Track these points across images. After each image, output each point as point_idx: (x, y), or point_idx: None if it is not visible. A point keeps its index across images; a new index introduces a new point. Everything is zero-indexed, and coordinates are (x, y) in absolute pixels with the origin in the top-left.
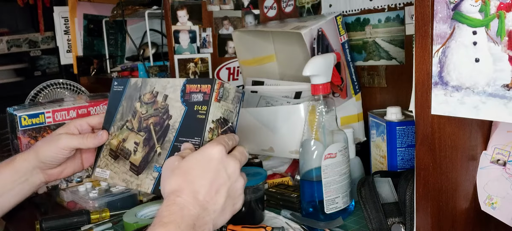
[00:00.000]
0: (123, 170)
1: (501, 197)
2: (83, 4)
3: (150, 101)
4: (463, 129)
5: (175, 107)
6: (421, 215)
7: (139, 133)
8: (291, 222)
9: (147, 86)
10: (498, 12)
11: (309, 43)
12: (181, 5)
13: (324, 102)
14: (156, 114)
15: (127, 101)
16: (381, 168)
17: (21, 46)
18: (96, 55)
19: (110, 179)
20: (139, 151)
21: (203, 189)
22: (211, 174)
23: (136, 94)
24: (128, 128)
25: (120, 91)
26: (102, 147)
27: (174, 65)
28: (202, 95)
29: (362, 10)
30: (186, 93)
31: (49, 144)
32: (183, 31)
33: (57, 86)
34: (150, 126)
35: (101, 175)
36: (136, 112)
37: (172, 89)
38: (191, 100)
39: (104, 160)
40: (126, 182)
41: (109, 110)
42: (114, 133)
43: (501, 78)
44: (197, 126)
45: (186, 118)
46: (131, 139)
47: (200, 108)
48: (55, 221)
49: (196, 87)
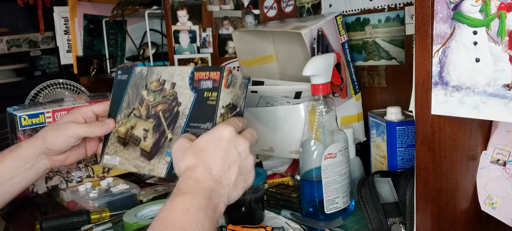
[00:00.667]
0: (134, 156)
1: (501, 197)
2: (83, 4)
3: (157, 89)
4: (463, 129)
5: (184, 94)
6: (421, 215)
7: (147, 120)
8: (291, 222)
9: (153, 75)
10: (499, 12)
11: (309, 43)
12: (181, 5)
13: (324, 102)
14: (164, 102)
15: (133, 89)
16: (381, 168)
17: (21, 46)
18: (96, 55)
19: (120, 165)
20: (149, 137)
21: (216, 166)
22: (223, 152)
23: (142, 83)
24: (135, 115)
25: (125, 80)
26: (109, 134)
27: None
28: (211, 82)
29: (362, 10)
30: (194, 80)
31: (56, 131)
32: (183, 31)
33: (57, 86)
34: (159, 113)
35: (110, 162)
36: (143, 100)
37: (180, 77)
38: (201, 87)
39: (112, 147)
40: (137, 168)
41: (114, 99)
42: (121, 121)
43: (501, 78)
44: (208, 112)
45: (196, 104)
46: (139, 126)
47: (211, 95)
48: (55, 221)
49: (205, 75)
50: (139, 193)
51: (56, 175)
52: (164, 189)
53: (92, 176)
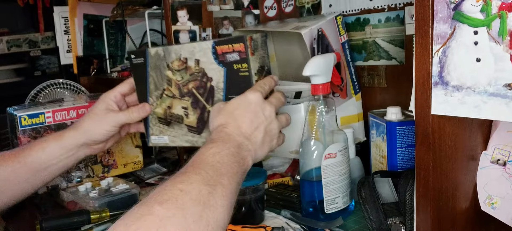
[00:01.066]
0: (182, 133)
1: (501, 197)
2: (83, 4)
3: (181, 68)
4: (463, 129)
5: (212, 69)
6: (421, 215)
7: (183, 98)
8: (291, 222)
9: (171, 54)
10: (500, 12)
11: (309, 43)
12: (181, 5)
13: (324, 102)
14: (194, 79)
15: (155, 71)
16: (381, 168)
17: (21, 46)
18: (96, 55)
19: (171, 142)
20: (190, 113)
21: (245, 124)
22: (251, 114)
23: (162, 63)
24: (168, 95)
25: (142, 63)
26: (147, 117)
27: None
28: (237, 54)
29: (362, 10)
30: (219, 55)
31: (97, 123)
32: (183, 31)
33: (57, 86)
34: (193, 90)
35: (159, 141)
36: (171, 80)
37: (202, 53)
38: (227, 61)
39: (155, 128)
40: (190, 142)
41: (138, 83)
42: (155, 103)
43: (502, 78)
44: (244, 82)
45: (229, 77)
46: (176, 104)
47: (241, 66)
48: (55, 221)
49: (228, 48)
50: (139, 193)
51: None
52: None
53: (92, 176)
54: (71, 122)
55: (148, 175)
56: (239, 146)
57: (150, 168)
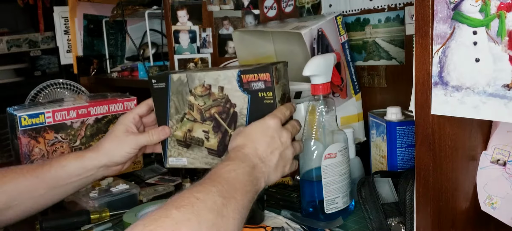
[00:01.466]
0: (202, 155)
1: (501, 197)
2: (83, 4)
3: (204, 94)
4: (463, 129)
5: (236, 96)
6: (421, 215)
7: (204, 122)
8: (291, 222)
9: (195, 81)
10: (499, 12)
11: (309, 43)
12: (181, 5)
13: (324, 102)
14: (217, 104)
15: (177, 96)
16: (381, 168)
17: (21, 46)
18: (96, 55)
19: (190, 164)
20: (211, 137)
21: (262, 148)
22: (268, 138)
23: (185, 89)
24: (189, 119)
25: (163, 88)
26: (166, 139)
27: (174, 65)
28: (263, 83)
29: (362, 10)
30: (244, 83)
31: (118, 145)
32: (183, 31)
33: (57, 86)
34: (215, 115)
35: (177, 163)
36: (193, 105)
37: (226, 81)
38: (253, 89)
39: (174, 150)
40: (209, 164)
41: (159, 107)
42: (175, 126)
43: (501, 78)
44: (267, 110)
45: (253, 104)
46: (197, 128)
47: (266, 94)
48: (55, 221)
49: (254, 77)
50: (139, 193)
51: None
52: (164, 189)
53: None
54: (71, 121)
55: (148, 175)
56: (254, 167)
57: (150, 168)
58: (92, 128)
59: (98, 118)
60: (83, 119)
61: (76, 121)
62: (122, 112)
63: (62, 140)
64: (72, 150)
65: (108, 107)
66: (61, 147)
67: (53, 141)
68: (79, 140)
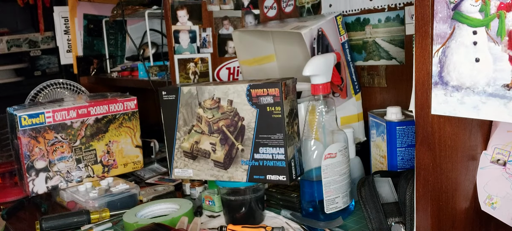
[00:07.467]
0: (208, 167)
1: (501, 197)
2: (83, 4)
3: (213, 107)
4: (463, 129)
5: (245, 110)
6: (421, 215)
7: (212, 135)
8: (291, 222)
9: (205, 94)
10: (498, 12)
11: (309, 43)
12: (181, 5)
13: (324, 102)
14: (225, 117)
15: (186, 108)
16: (381, 168)
17: (21, 46)
18: (96, 55)
19: (195, 175)
20: (218, 150)
21: None
22: None
23: (194, 101)
24: (197, 131)
25: (173, 100)
26: (172, 150)
27: (174, 65)
28: (272, 97)
29: (362, 10)
30: (253, 97)
31: None
32: (183, 31)
33: (57, 86)
34: (223, 128)
35: (183, 174)
36: (201, 118)
37: (235, 94)
38: (261, 103)
39: (180, 161)
40: (215, 176)
41: (167, 118)
42: (182, 137)
43: (501, 78)
44: (276, 124)
45: (261, 118)
46: (204, 140)
47: (274, 109)
48: (55, 221)
49: (263, 91)
50: (139, 193)
51: (56, 175)
52: (164, 189)
53: (92, 176)
54: (71, 121)
55: (148, 175)
56: None
57: (150, 168)
58: (92, 127)
59: (98, 117)
60: (83, 119)
61: (76, 120)
62: (122, 112)
63: (62, 139)
64: (72, 149)
65: (108, 107)
66: (61, 146)
67: (53, 141)
68: (79, 140)
